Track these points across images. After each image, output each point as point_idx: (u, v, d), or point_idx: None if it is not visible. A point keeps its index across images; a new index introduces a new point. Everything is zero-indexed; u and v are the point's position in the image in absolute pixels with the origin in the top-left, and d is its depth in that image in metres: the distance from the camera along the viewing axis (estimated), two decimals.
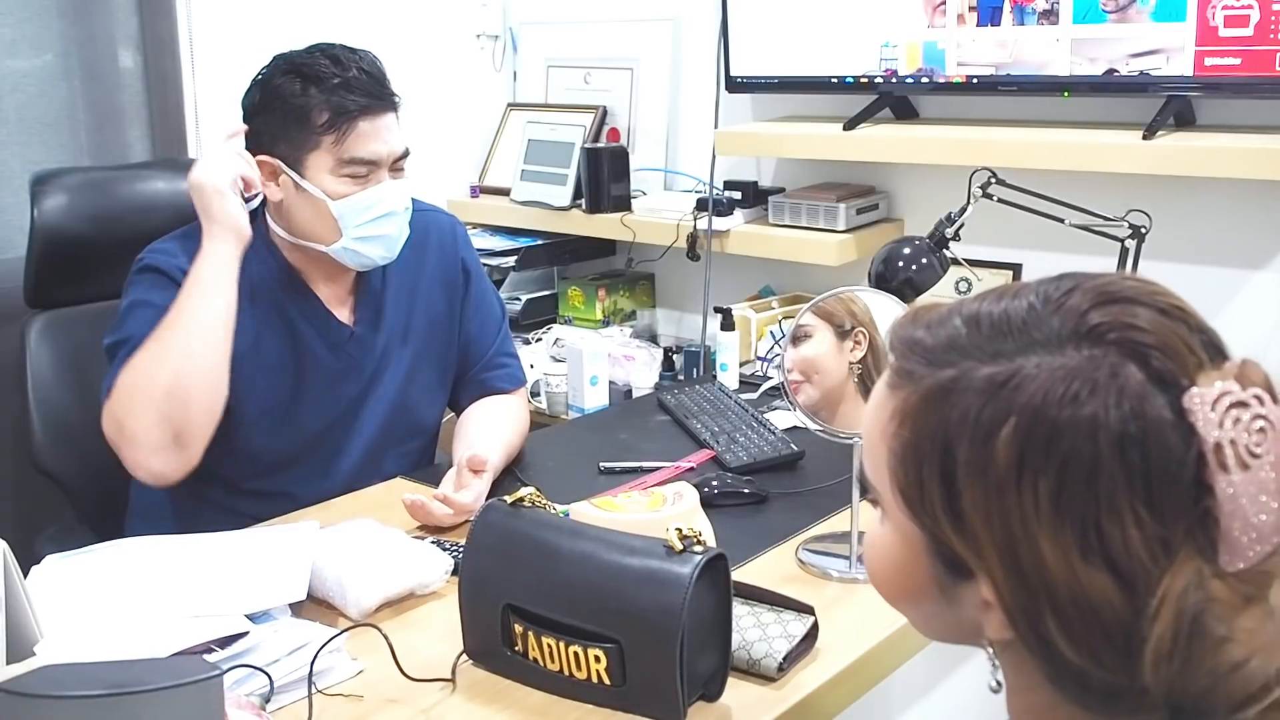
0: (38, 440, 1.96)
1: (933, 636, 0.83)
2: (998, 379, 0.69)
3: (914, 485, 0.73)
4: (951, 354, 0.72)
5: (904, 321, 0.77)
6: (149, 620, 1.28)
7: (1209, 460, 0.65)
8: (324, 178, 1.70)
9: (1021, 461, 0.68)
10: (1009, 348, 0.70)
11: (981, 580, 0.71)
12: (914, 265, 1.89)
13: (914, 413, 0.73)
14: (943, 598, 0.76)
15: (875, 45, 2.39)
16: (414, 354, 1.88)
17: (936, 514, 0.72)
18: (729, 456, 1.86)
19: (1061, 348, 0.69)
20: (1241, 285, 2.19)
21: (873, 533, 0.81)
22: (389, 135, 1.72)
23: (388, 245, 1.75)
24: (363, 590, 1.39)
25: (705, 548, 1.18)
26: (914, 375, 0.74)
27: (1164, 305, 0.71)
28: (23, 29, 2.38)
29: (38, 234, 1.95)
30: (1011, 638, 0.72)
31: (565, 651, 1.20)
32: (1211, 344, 0.71)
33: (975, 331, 0.73)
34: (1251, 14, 1.96)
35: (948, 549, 0.73)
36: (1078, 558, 0.66)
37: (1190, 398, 0.66)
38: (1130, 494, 0.66)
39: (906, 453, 0.73)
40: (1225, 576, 0.66)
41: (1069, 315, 0.70)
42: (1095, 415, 0.66)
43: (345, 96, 1.67)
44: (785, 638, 1.26)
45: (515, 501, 1.29)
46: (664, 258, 2.82)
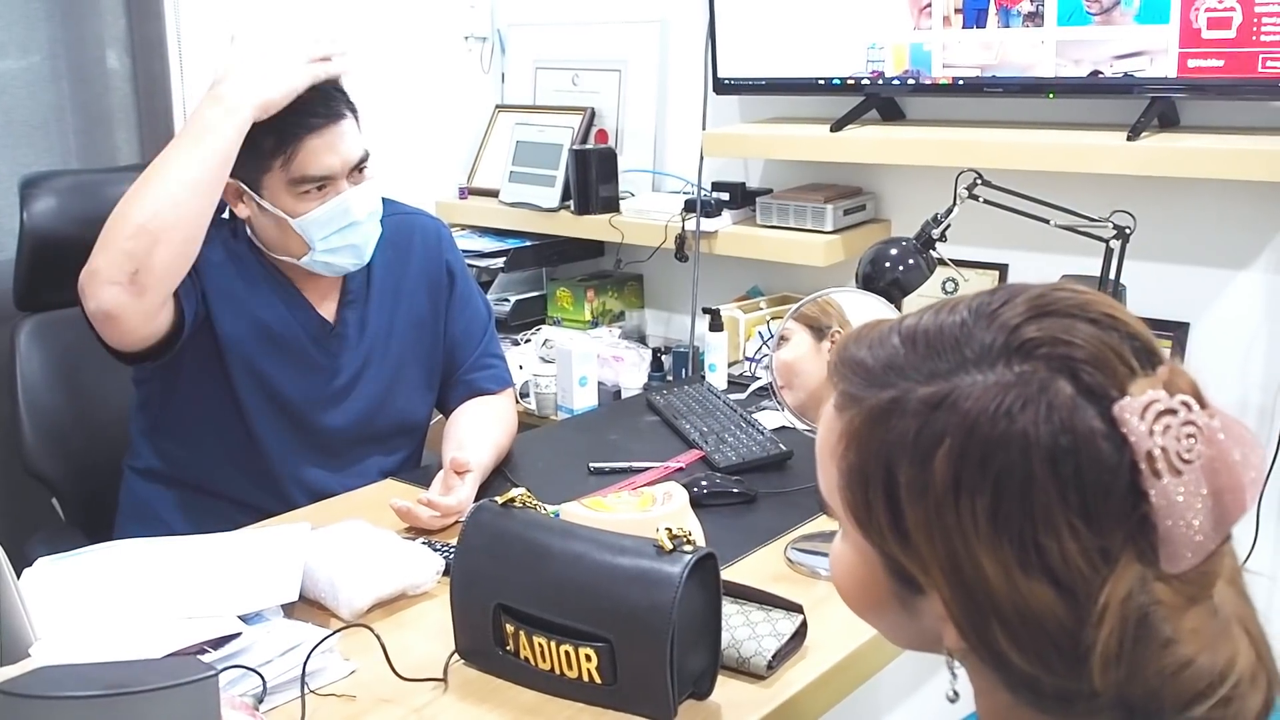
0: (28, 443, 1.97)
1: (900, 645, 0.84)
2: (933, 400, 0.71)
3: (862, 506, 0.75)
4: (890, 374, 0.74)
5: (846, 342, 0.79)
6: (142, 622, 1.29)
7: (1142, 468, 0.66)
8: (282, 197, 1.70)
9: (958, 480, 0.69)
10: (944, 367, 0.72)
11: (933, 595, 0.73)
12: (901, 266, 1.91)
13: (857, 435, 0.75)
14: (903, 610, 0.78)
15: (862, 47, 2.40)
16: (398, 355, 1.89)
17: (884, 533, 0.74)
18: (718, 456, 1.87)
19: (993, 365, 0.70)
20: (1225, 285, 2.21)
21: (835, 547, 0.83)
22: (341, 145, 1.71)
23: (357, 253, 1.77)
24: (355, 591, 1.40)
25: (695, 547, 1.19)
26: (856, 398, 0.75)
27: (1095, 315, 0.71)
28: (11, 31, 2.38)
29: (27, 237, 1.95)
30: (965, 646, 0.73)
31: (556, 651, 1.21)
32: (1144, 350, 0.71)
33: (912, 350, 0.74)
34: (1234, 16, 1.98)
35: (899, 566, 0.74)
36: (1018, 572, 0.68)
37: (1120, 408, 0.67)
38: (1065, 507, 0.67)
39: (853, 475, 0.75)
40: (1168, 579, 0.67)
41: (1001, 330, 0.71)
42: (1026, 431, 0.67)
43: (287, 119, 1.67)
44: (774, 636, 1.27)
45: (506, 502, 1.30)
46: (652, 259, 2.83)
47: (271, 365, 1.79)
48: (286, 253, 1.75)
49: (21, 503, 2.13)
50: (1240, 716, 0.68)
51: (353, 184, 1.74)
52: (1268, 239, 2.16)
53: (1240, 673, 0.68)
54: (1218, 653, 0.68)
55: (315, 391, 1.82)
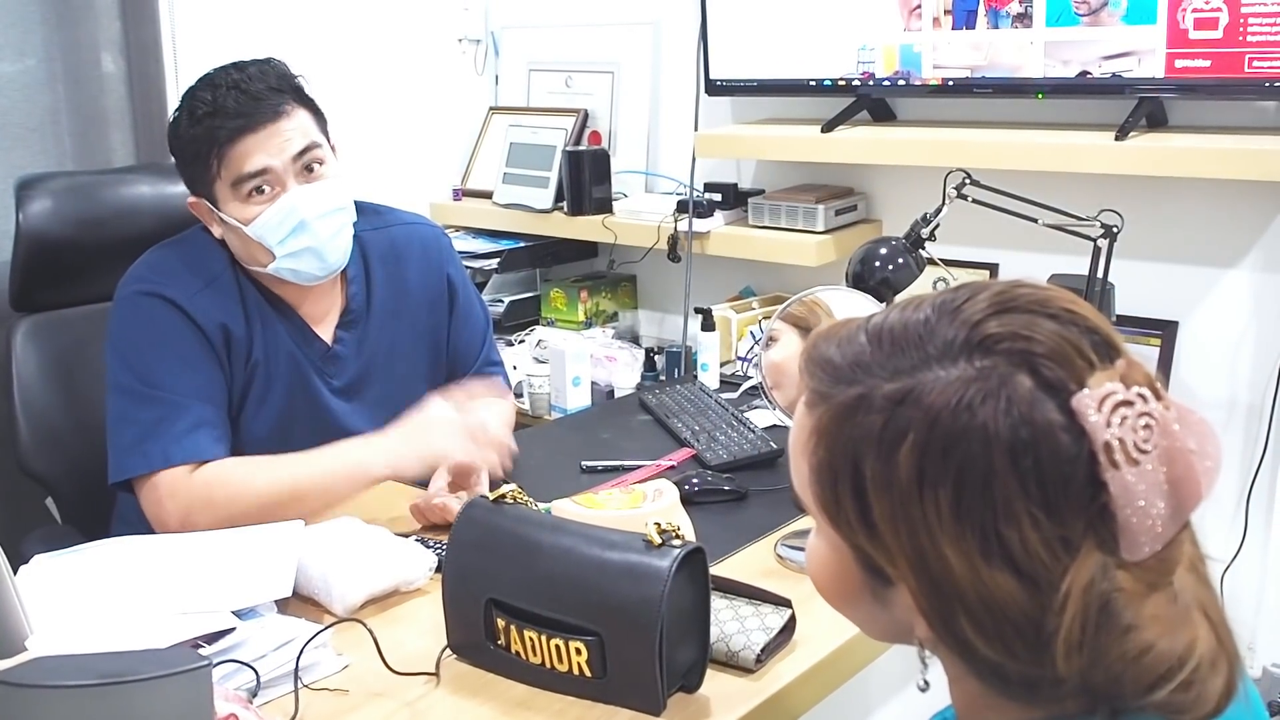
0: (24, 443, 1.97)
1: (875, 637, 0.86)
2: (897, 395, 0.72)
3: (831, 501, 0.76)
4: (857, 371, 0.75)
5: (816, 340, 0.80)
6: (137, 617, 1.30)
7: (1100, 459, 0.68)
8: (232, 204, 1.66)
9: (921, 474, 0.71)
10: (908, 363, 0.73)
11: (900, 587, 0.75)
12: (890, 265, 1.92)
13: (826, 431, 0.76)
14: (875, 602, 0.79)
15: (852, 48, 2.42)
16: (399, 373, 1.86)
17: (853, 526, 0.75)
18: (709, 455, 1.88)
19: (955, 360, 0.72)
20: (1213, 283, 2.22)
21: (810, 542, 0.84)
22: (274, 143, 1.64)
23: (318, 256, 1.69)
24: (348, 587, 1.41)
25: (684, 542, 1.20)
26: (825, 395, 0.77)
27: (1055, 310, 0.73)
28: (6, 34, 2.38)
29: (22, 238, 1.96)
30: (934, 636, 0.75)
31: (547, 644, 1.22)
32: (1104, 344, 0.72)
33: (878, 348, 0.75)
34: (1221, 16, 1.99)
35: (869, 558, 0.76)
36: (980, 562, 0.69)
37: (1078, 400, 0.69)
38: (1025, 498, 0.68)
39: (822, 470, 0.76)
40: (1129, 566, 0.69)
41: (963, 326, 0.73)
42: (986, 424, 0.69)
43: (214, 124, 1.62)
44: (763, 630, 1.28)
45: (497, 498, 1.31)
46: (645, 259, 2.85)
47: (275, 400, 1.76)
48: (255, 262, 1.70)
49: (17, 503, 2.14)
50: (1201, 699, 0.70)
51: (302, 182, 1.67)
52: (1255, 238, 2.17)
53: (1200, 656, 0.70)
54: (1178, 637, 0.69)
55: (314, 418, 1.79)
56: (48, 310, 2.03)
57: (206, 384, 1.68)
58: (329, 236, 1.69)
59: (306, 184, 1.67)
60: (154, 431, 1.63)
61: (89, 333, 2.03)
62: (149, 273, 1.72)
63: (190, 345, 1.68)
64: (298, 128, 1.67)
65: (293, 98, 1.68)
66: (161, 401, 1.64)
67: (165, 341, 1.67)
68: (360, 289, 1.82)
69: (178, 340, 1.68)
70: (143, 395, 1.65)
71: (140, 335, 1.68)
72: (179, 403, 1.64)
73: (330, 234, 1.69)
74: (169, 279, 1.70)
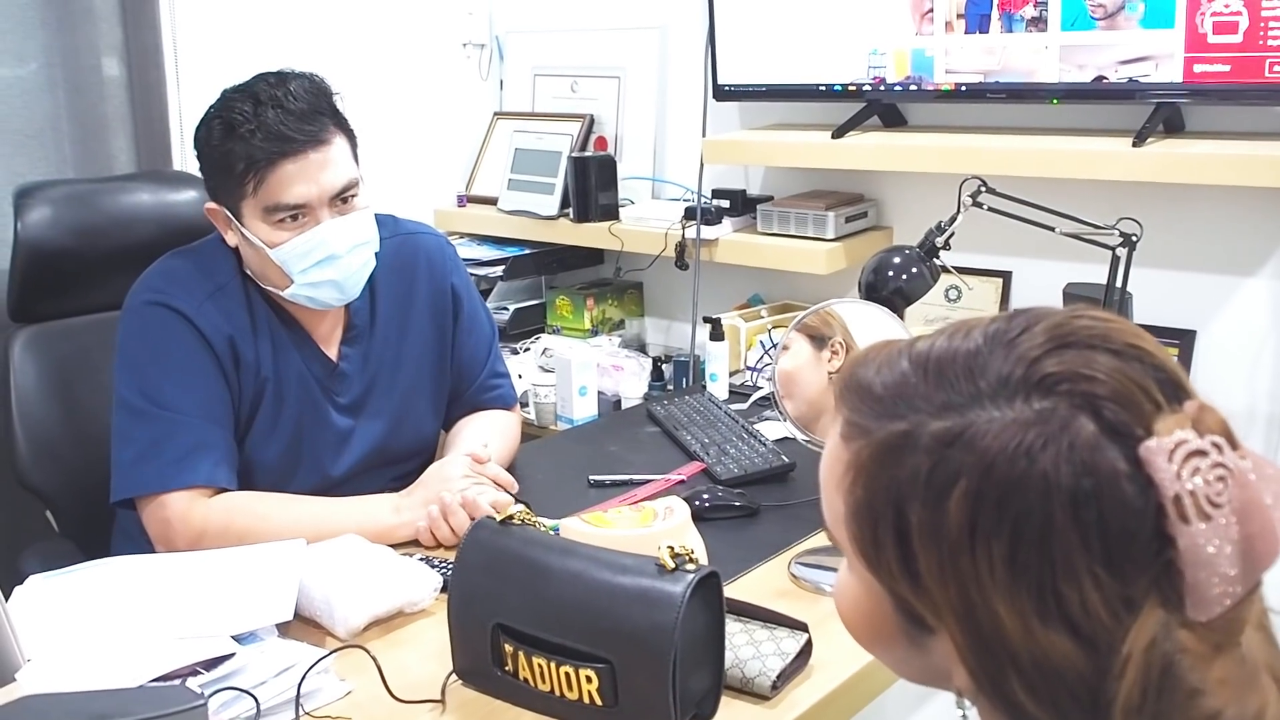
0: (21, 456, 1.95)
1: (908, 679, 0.81)
2: (946, 437, 0.67)
3: (870, 544, 0.71)
4: (900, 405, 0.70)
5: (853, 365, 0.75)
6: (134, 643, 1.26)
7: (1169, 512, 0.63)
8: (259, 225, 1.62)
9: (974, 524, 0.65)
10: (957, 399, 0.68)
11: (942, 636, 0.70)
12: (904, 275, 1.88)
13: (865, 469, 0.71)
14: (911, 646, 0.74)
15: (863, 53, 2.38)
16: (405, 386, 1.84)
17: (894, 573, 0.70)
18: (719, 469, 1.85)
19: (1011, 400, 0.66)
20: (1232, 292, 2.19)
21: (840, 577, 0.79)
22: (318, 174, 1.60)
23: (339, 289, 1.67)
24: (351, 609, 1.37)
25: (698, 566, 1.16)
26: (864, 428, 0.71)
27: (1118, 346, 0.68)
28: (5, 39, 2.36)
29: (21, 247, 1.93)
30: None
31: (556, 672, 1.18)
32: (1170, 383, 0.67)
33: (923, 378, 0.70)
34: (1241, 20, 1.95)
35: (909, 606, 0.71)
36: (1036, 622, 0.64)
37: (1146, 449, 0.64)
38: (1087, 555, 0.63)
39: (861, 511, 0.71)
40: (1194, 626, 0.64)
41: (1019, 362, 0.67)
42: (1046, 473, 0.64)
43: (257, 144, 1.57)
44: (779, 655, 1.25)
45: (505, 519, 1.28)
46: (652, 267, 2.81)
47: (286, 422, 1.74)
48: (270, 283, 1.68)
49: (15, 516, 2.11)
50: None
51: (336, 214, 1.63)
52: (1275, 246, 2.14)
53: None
54: (1246, 703, 0.64)
55: (320, 434, 1.77)
56: (47, 320, 2.01)
57: (211, 401, 1.65)
58: (353, 269, 1.67)
59: (340, 216, 1.64)
60: (150, 453, 1.60)
61: (88, 343, 2.01)
62: (159, 281, 1.69)
63: (195, 359, 1.65)
64: (337, 159, 1.63)
65: (332, 121, 1.64)
66: (161, 420, 1.61)
67: (169, 355, 1.64)
68: (364, 303, 1.79)
69: (182, 354, 1.65)
70: (143, 412, 1.62)
71: (144, 348, 1.66)
72: (180, 421, 1.62)
73: (355, 267, 1.67)
74: (177, 288, 1.67)
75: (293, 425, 1.74)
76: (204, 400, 1.64)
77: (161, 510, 1.59)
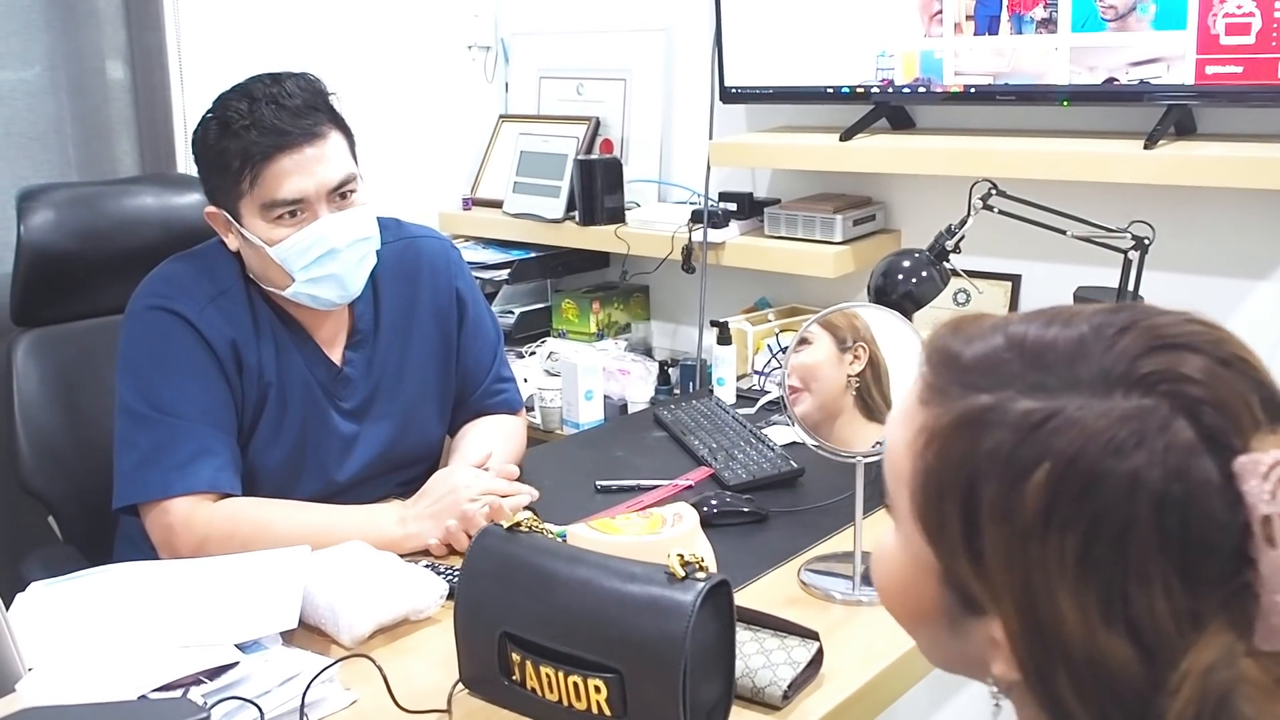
0: (24, 461, 1.93)
1: (935, 663, 0.79)
2: (1035, 416, 0.64)
3: (934, 514, 0.69)
4: (990, 378, 0.68)
5: (943, 331, 0.72)
6: (136, 651, 1.25)
7: (1255, 532, 0.60)
8: (257, 223, 1.61)
9: (1050, 511, 0.63)
10: (1052, 382, 0.65)
11: (993, 622, 0.67)
12: (914, 278, 1.87)
13: (942, 436, 0.68)
14: (949, 628, 0.72)
15: (871, 55, 2.37)
16: (409, 391, 1.82)
17: (954, 547, 0.68)
18: (727, 474, 1.83)
19: (1109, 392, 0.64)
20: (1244, 296, 2.17)
21: (885, 543, 0.76)
22: (314, 168, 1.59)
23: (340, 284, 1.65)
24: (356, 617, 1.36)
25: (708, 574, 1.15)
26: (947, 394, 0.69)
27: (1226, 355, 0.65)
28: (9, 42, 2.34)
29: (24, 251, 1.92)
30: (1018, 680, 0.68)
31: (564, 681, 1.17)
32: (1273, 402, 0.65)
33: (1018, 356, 0.68)
34: (1253, 21, 1.94)
35: (962, 583, 0.69)
36: (1098, 621, 0.62)
37: (1241, 464, 0.61)
38: (1163, 561, 0.61)
39: (930, 479, 0.69)
40: (1259, 656, 0.62)
41: (1121, 357, 0.65)
42: (1136, 472, 0.61)
43: (250, 139, 1.57)
44: (789, 664, 1.23)
45: (511, 526, 1.26)
46: (659, 270, 2.79)
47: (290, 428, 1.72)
48: (272, 284, 1.67)
49: (18, 521, 2.10)
50: None
51: (334, 210, 1.62)
52: None
53: None
54: None
55: (325, 440, 1.75)
56: (50, 324, 2.00)
57: (213, 406, 1.64)
58: (354, 265, 1.66)
59: (338, 211, 1.63)
60: (152, 458, 1.59)
61: (91, 347, 2.00)
62: (161, 285, 1.68)
63: (198, 364, 1.64)
64: (334, 154, 1.62)
65: (327, 117, 1.63)
66: (163, 425, 1.60)
67: (172, 360, 1.63)
68: (368, 307, 1.78)
69: (185, 358, 1.63)
70: (145, 418, 1.61)
71: (146, 353, 1.64)
72: (182, 427, 1.60)
73: (355, 262, 1.66)
74: (180, 292, 1.66)
75: (297, 430, 1.72)
76: (207, 405, 1.63)
77: (164, 516, 1.58)
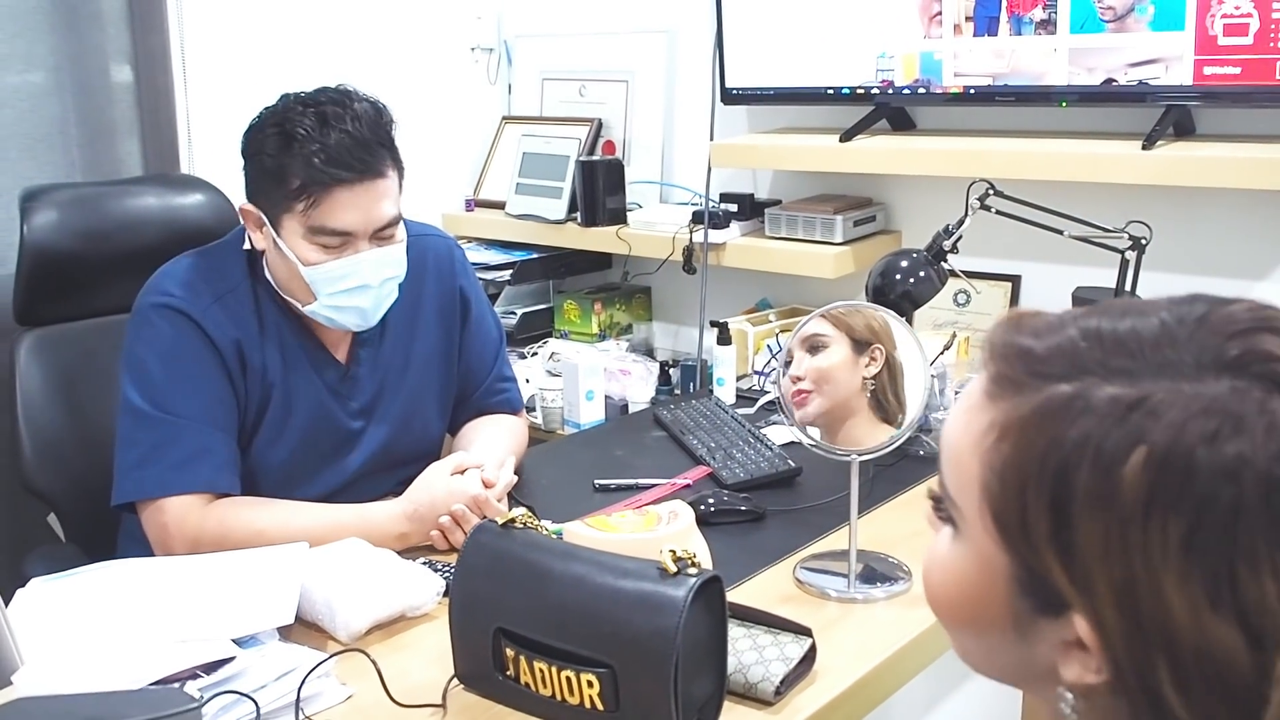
0: (27, 459, 1.94)
1: (987, 673, 0.75)
2: (1126, 400, 0.62)
3: (1014, 509, 0.66)
4: (1068, 367, 0.65)
5: (1006, 326, 0.70)
6: (134, 646, 1.26)
7: None
8: (297, 241, 1.61)
9: (1152, 496, 0.61)
10: (1138, 368, 0.64)
11: (1080, 619, 0.64)
12: (912, 278, 1.88)
13: (1021, 428, 0.66)
14: (1014, 632, 0.69)
15: (871, 56, 2.37)
16: (412, 389, 1.83)
17: (1038, 543, 0.65)
18: (725, 473, 1.84)
19: (1200, 375, 0.62)
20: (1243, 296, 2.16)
21: (941, 551, 0.73)
22: (369, 205, 1.61)
23: (362, 316, 1.68)
24: (352, 613, 1.36)
25: (700, 570, 1.15)
26: (1021, 385, 0.66)
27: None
28: (14, 44, 2.36)
29: (27, 251, 1.93)
30: (1096, 683, 0.65)
31: (558, 676, 1.17)
32: None
33: (1098, 345, 0.66)
34: (1251, 22, 1.94)
35: (1042, 581, 0.66)
36: (1205, 606, 0.60)
37: None
38: (1272, 541, 0.59)
39: (1008, 473, 0.66)
40: None
41: (1206, 341, 0.64)
42: (1241, 453, 0.60)
43: (319, 165, 1.57)
44: (782, 660, 1.23)
45: (506, 523, 1.27)
46: (660, 271, 2.80)
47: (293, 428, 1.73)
48: (292, 295, 1.68)
49: (20, 519, 2.11)
50: None
51: (374, 245, 1.64)
52: None
53: None
54: None
55: (330, 439, 1.77)
56: (52, 324, 2.00)
57: (214, 405, 1.65)
58: (380, 301, 1.69)
59: (379, 247, 1.65)
60: (152, 456, 1.60)
61: (94, 346, 2.01)
62: (167, 284, 1.68)
63: (200, 362, 1.64)
64: (389, 194, 1.65)
65: (389, 155, 1.65)
66: (164, 424, 1.61)
67: (174, 358, 1.64)
68: None
69: (187, 357, 1.64)
70: (147, 416, 1.62)
71: (150, 351, 1.65)
72: (183, 425, 1.61)
73: (382, 299, 1.69)
74: (186, 291, 1.66)
75: (300, 429, 1.73)
76: (208, 405, 1.64)
77: (160, 515, 1.59)
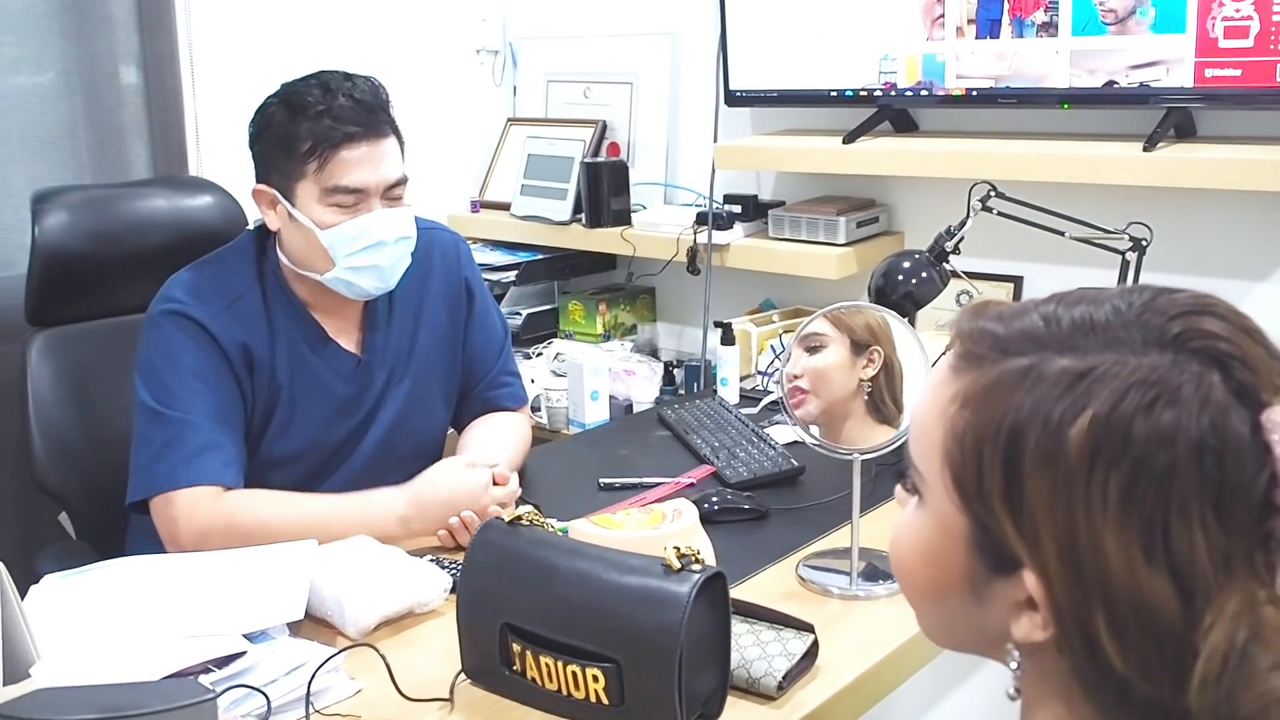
0: (38, 458, 1.96)
1: (947, 642, 0.80)
2: (1075, 371, 0.68)
3: (971, 469, 0.71)
4: (1027, 344, 0.71)
5: (973, 312, 0.76)
6: (146, 641, 1.28)
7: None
8: (312, 207, 1.68)
9: (1095, 455, 0.66)
10: (1088, 344, 0.70)
11: (1029, 574, 0.69)
12: (914, 279, 1.89)
13: (981, 395, 0.71)
14: (972, 594, 0.74)
15: (874, 58, 2.39)
16: (417, 377, 1.86)
17: (992, 501, 0.70)
18: (729, 472, 1.85)
19: (1144, 351, 0.68)
20: (1243, 298, 2.18)
21: (905, 522, 0.79)
22: (378, 162, 1.69)
23: (380, 275, 1.73)
24: (361, 609, 1.38)
25: (703, 566, 1.17)
26: (983, 360, 0.72)
27: (1250, 327, 0.70)
28: (24, 47, 2.38)
29: (38, 252, 1.95)
30: (1043, 640, 0.70)
31: (564, 671, 1.19)
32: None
33: (1055, 326, 0.71)
34: (1251, 25, 1.95)
35: (995, 540, 0.71)
36: (1140, 558, 0.65)
37: (1269, 417, 0.66)
38: (1201, 500, 0.65)
39: (968, 435, 0.71)
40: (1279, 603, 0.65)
41: (1151, 321, 0.70)
42: (1177, 420, 0.65)
43: (327, 125, 1.65)
44: (785, 656, 1.25)
45: (513, 520, 1.29)
46: (664, 272, 2.82)
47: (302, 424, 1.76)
48: (311, 268, 1.72)
49: (32, 518, 2.13)
50: None
51: (385, 205, 1.71)
52: None
53: None
54: None
55: (340, 433, 1.80)
56: (64, 324, 2.02)
57: (221, 404, 1.68)
58: (395, 260, 1.74)
59: (389, 208, 1.71)
60: (162, 453, 1.63)
61: (105, 347, 2.03)
62: (176, 292, 1.73)
63: (208, 363, 1.68)
64: (393, 154, 1.73)
65: (389, 121, 1.73)
66: (173, 421, 1.65)
67: (182, 359, 1.68)
68: (383, 297, 1.81)
69: (195, 358, 1.68)
70: (159, 416, 1.66)
71: (160, 355, 1.69)
72: (190, 422, 1.65)
73: (397, 258, 1.74)
74: (194, 298, 1.71)
75: (310, 424, 1.77)
76: (215, 404, 1.67)
77: (169, 508, 1.62)
